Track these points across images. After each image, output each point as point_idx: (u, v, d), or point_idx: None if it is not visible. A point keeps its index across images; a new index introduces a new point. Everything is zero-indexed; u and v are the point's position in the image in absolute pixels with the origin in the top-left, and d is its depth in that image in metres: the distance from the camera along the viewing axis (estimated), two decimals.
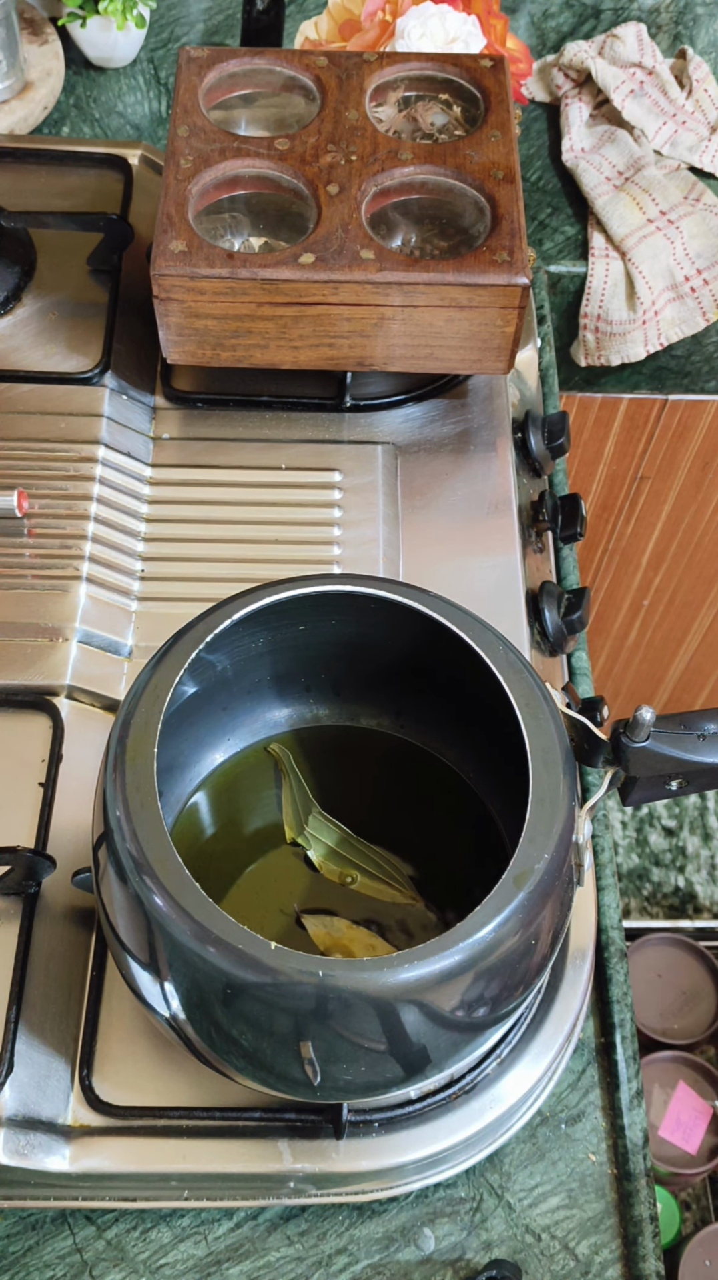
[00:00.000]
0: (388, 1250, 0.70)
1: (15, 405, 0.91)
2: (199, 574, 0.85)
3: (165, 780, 0.71)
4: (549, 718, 0.62)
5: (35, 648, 0.81)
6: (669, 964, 1.65)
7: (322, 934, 0.70)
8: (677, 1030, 1.60)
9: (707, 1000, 1.62)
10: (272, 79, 0.95)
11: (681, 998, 1.63)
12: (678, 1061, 1.55)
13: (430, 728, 0.76)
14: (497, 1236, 0.70)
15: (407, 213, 0.91)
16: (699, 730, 0.65)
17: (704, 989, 1.63)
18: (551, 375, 1.06)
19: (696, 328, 1.17)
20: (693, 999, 1.62)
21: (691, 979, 1.63)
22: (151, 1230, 0.70)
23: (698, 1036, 1.59)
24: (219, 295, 0.84)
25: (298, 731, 0.77)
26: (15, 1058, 0.68)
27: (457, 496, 0.91)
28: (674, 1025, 1.61)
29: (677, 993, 1.63)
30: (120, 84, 1.24)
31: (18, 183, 1.03)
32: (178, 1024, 0.60)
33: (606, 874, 0.81)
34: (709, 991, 1.63)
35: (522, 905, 0.57)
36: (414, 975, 0.55)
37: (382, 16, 1.05)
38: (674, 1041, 1.57)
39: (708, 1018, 1.61)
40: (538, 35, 1.31)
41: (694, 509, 1.46)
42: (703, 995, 1.62)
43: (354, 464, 0.91)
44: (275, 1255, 0.69)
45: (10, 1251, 0.69)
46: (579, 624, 0.88)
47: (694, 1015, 1.61)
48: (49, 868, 0.72)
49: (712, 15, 1.32)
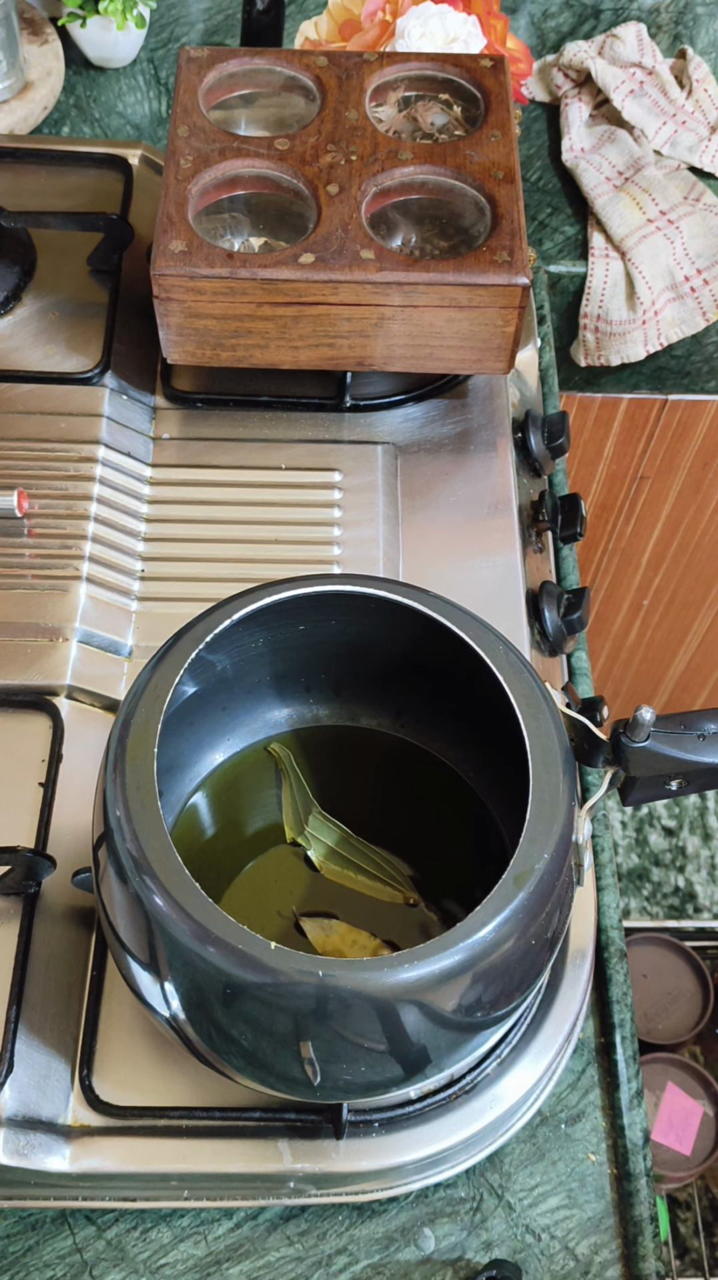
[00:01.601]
0: (388, 1250, 0.70)
1: (15, 405, 0.91)
2: (199, 574, 0.85)
3: (165, 780, 0.71)
4: (549, 718, 0.62)
5: (35, 648, 0.81)
6: (655, 964, 1.65)
7: (320, 937, 0.70)
8: (662, 1031, 1.60)
9: (692, 1000, 1.62)
10: (272, 79, 0.95)
11: (666, 998, 1.63)
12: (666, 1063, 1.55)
13: (430, 728, 0.76)
14: (497, 1236, 0.70)
15: (407, 213, 0.91)
16: (699, 730, 0.65)
17: (689, 989, 1.63)
18: (551, 375, 1.06)
19: (696, 328, 1.17)
20: (678, 999, 1.62)
21: (676, 979, 1.63)
22: (151, 1230, 0.70)
23: (683, 1037, 1.59)
24: (219, 295, 0.84)
25: (298, 731, 0.77)
26: (15, 1058, 0.68)
27: (457, 496, 0.91)
28: (659, 1026, 1.61)
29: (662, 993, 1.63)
30: (120, 84, 1.24)
31: (18, 183, 1.03)
32: (178, 1024, 0.60)
33: (606, 874, 0.81)
34: (695, 991, 1.63)
35: (522, 905, 0.57)
36: (414, 975, 0.55)
37: (382, 16, 1.05)
38: (660, 1042, 1.57)
39: (693, 1018, 1.60)
40: (538, 35, 1.31)
41: (694, 509, 1.46)
42: (688, 995, 1.62)
43: (354, 464, 0.91)
44: (275, 1255, 0.69)
45: (10, 1251, 0.69)
46: (579, 624, 0.88)
47: (679, 1015, 1.61)
48: (49, 868, 0.72)
49: (712, 15, 1.32)
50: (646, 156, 1.19)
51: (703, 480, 1.41)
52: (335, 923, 0.71)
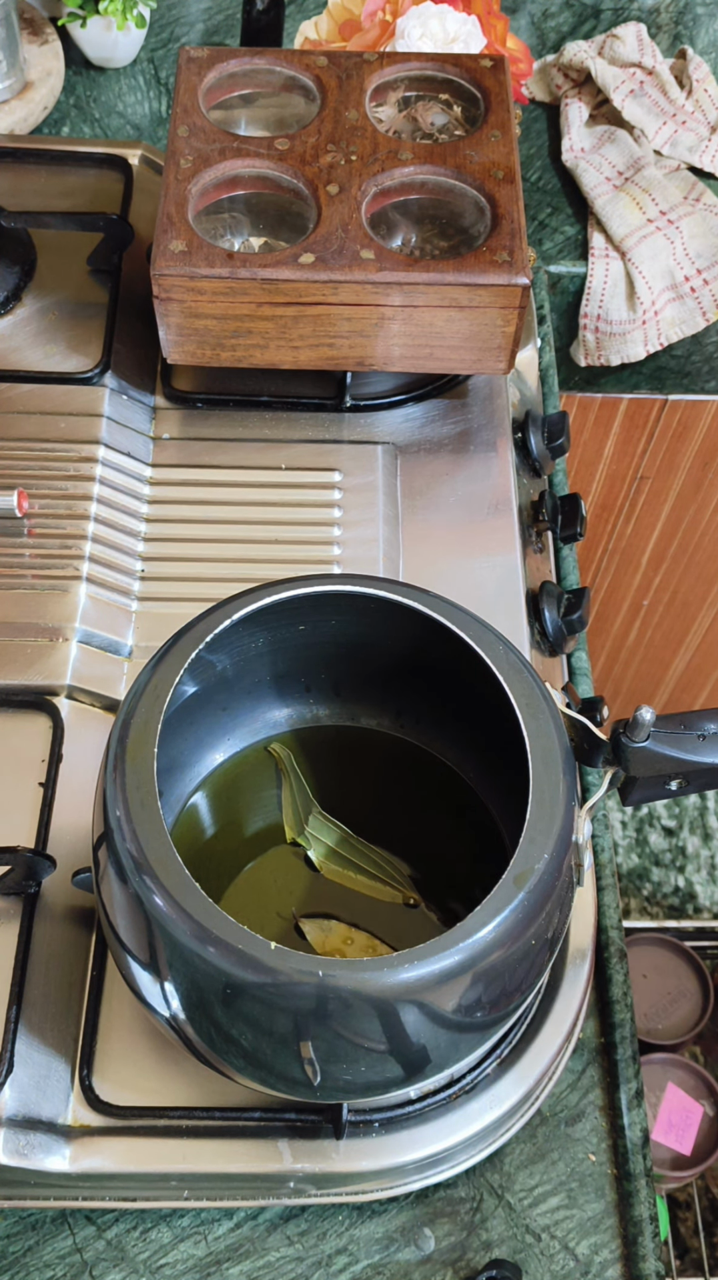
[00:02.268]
0: (388, 1250, 0.70)
1: (15, 405, 0.91)
2: (199, 574, 0.85)
3: (165, 780, 0.71)
4: (549, 718, 0.62)
5: (35, 648, 0.81)
6: (655, 964, 1.65)
7: (319, 938, 0.70)
8: (662, 1030, 1.60)
9: (692, 1000, 1.62)
10: (272, 79, 0.95)
11: (666, 998, 1.62)
12: (666, 1063, 1.55)
13: (430, 728, 0.76)
14: (497, 1236, 0.70)
15: (407, 213, 0.91)
16: (699, 730, 0.65)
17: (689, 989, 1.63)
18: (550, 375, 1.06)
19: (696, 328, 1.17)
20: (678, 999, 1.62)
21: (676, 979, 1.63)
22: (151, 1230, 0.70)
23: (683, 1036, 1.59)
24: (219, 295, 0.84)
25: (298, 731, 0.77)
26: (15, 1058, 0.68)
27: (457, 496, 0.91)
28: (659, 1025, 1.61)
29: (662, 993, 1.63)
30: (120, 84, 1.24)
31: (18, 183, 1.03)
32: (178, 1024, 0.60)
33: (606, 874, 0.81)
34: (694, 991, 1.62)
35: (522, 905, 0.57)
36: (414, 975, 0.55)
37: (382, 16, 1.05)
38: (660, 1042, 1.57)
39: (693, 1018, 1.60)
40: (538, 35, 1.31)
41: (694, 509, 1.46)
42: (688, 995, 1.62)
43: (354, 464, 0.91)
44: (275, 1255, 0.69)
45: (10, 1251, 0.69)
46: (579, 624, 0.88)
47: (679, 1015, 1.61)
48: (49, 868, 0.72)
49: (712, 15, 1.32)
50: (646, 156, 1.19)
51: (703, 480, 1.41)
52: (334, 923, 0.71)
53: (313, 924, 0.71)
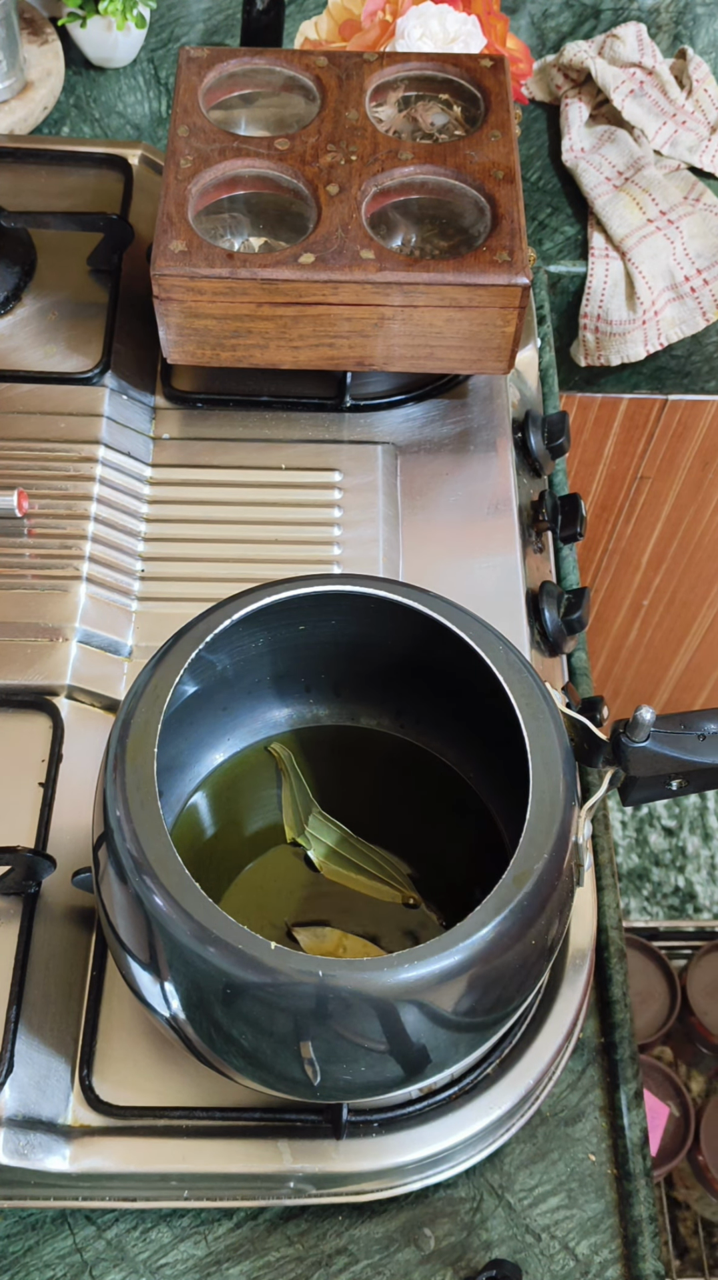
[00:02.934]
0: (388, 1250, 0.70)
1: (15, 405, 0.91)
2: (199, 574, 0.85)
3: (165, 780, 0.71)
4: (549, 718, 0.62)
5: (35, 648, 0.81)
6: None
7: (313, 945, 0.70)
8: None
9: (659, 1001, 1.61)
10: (272, 79, 0.95)
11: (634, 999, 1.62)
12: None
13: (430, 728, 0.76)
14: (497, 1236, 0.70)
15: (407, 213, 0.91)
16: (699, 730, 0.65)
17: (657, 990, 1.61)
18: (550, 375, 1.06)
19: (696, 328, 1.17)
20: (646, 1000, 1.61)
21: (644, 980, 1.62)
22: (152, 1230, 0.70)
23: (651, 1038, 1.58)
24: (219, 295, 0.84)
25: (298, 731, 0.77)
26: (15, 1058, 0.68)
27: (457, 496, 0.91)
28: None
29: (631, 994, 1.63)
30: (120, 84, 1.24)
31: (18, 183, 1.03)
32: (178, 1024, 0.60)
33: (606, 874, 0.81)
34: (662, 992, 1.61)
35: (522, 905, 0.57)
36: (414, 975, 0.55)
37: (382, 16, 1.05)
38: None
39: (661, 1019, 1.59)
40: (538, 35, 1.31)
41: (694, 509, 1.46)
42: (656, 996, 1.61)
43: (354, 464, 0.91)
44: (275, 1255, 0.69)
45: (10, 1251, 0.69)
46: (579, 624, 0.88)
47: (647, 1017, 1.60)
48: (49, 868, 0.72)
49: (712, 15, 1.32)
50: (646, 156, 1.19)
51: (703, 480, 1.41)
52: (328, 930, 0.71)
53: (307, 932, 0.71)
